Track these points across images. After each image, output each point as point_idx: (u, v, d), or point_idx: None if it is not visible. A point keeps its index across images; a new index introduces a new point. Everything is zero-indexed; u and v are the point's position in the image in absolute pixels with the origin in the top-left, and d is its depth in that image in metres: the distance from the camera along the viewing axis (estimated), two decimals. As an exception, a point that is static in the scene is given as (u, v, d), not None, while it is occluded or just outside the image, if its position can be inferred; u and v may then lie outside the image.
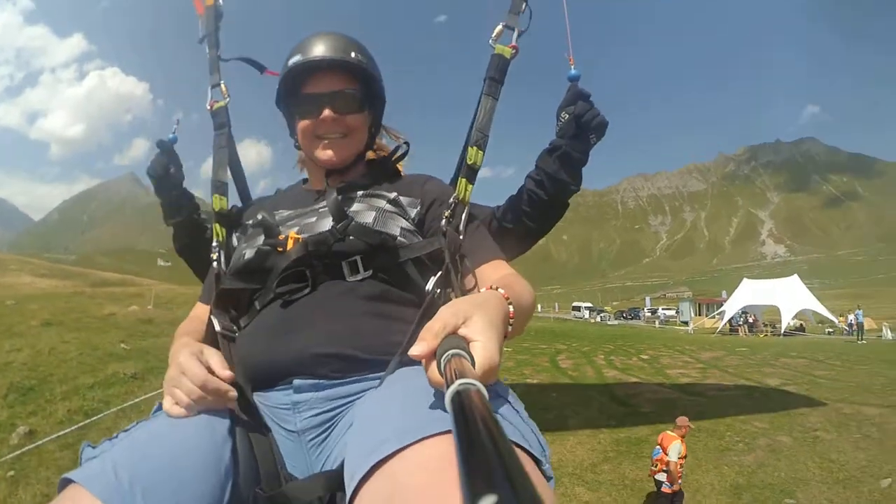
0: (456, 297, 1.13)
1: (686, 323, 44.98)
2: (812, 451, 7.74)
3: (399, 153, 1.53)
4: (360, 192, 1.33)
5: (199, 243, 1.80)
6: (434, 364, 0.73)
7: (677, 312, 53.42)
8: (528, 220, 1.70)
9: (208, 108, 1.54)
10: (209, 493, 0.91)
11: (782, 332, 30.85)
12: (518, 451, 0.76)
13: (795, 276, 35.03)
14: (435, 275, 1.20)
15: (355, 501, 0.74)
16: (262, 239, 1.27)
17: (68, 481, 0.87)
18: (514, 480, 0.29)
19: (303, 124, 1.35)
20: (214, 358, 1.07)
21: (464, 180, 1.33)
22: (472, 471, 0.30)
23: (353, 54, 1.33)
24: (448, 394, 0.49)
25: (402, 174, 1.52)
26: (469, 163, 1.35)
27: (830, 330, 32.25)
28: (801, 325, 34.66)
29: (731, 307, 35.12)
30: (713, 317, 39.93)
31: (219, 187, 1.43)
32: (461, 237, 1.27)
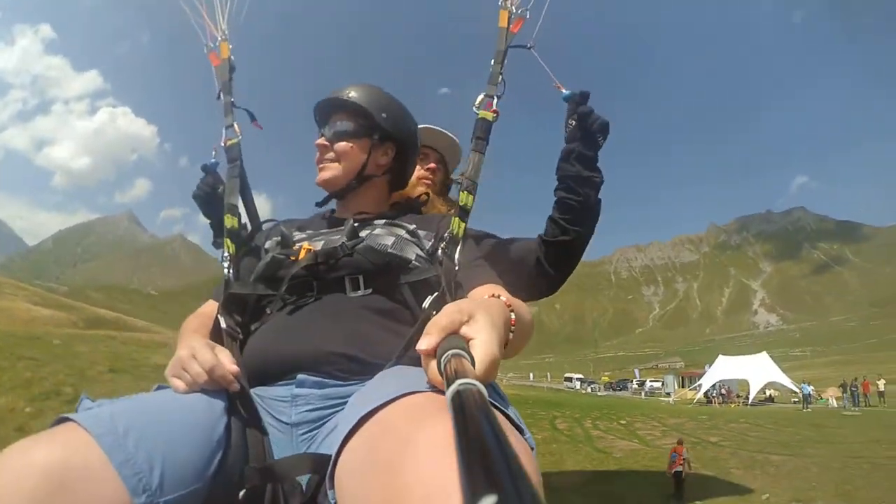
0: None
1: (669, 394, 48.97)
2: (724, 482, 11.84)
3: (422, 199, 1.83)
4: (382, 221, 1.49)
5: None
6: (434, 363, 0.74)
7: (663, 384, 57.01)
8: (570, 225, 1.79)
9: (223, 144, 1.75)
10: (198, 457, 0.93)
11: (749, 402, 34.71)
12: (517, 449, 0.65)
13: (764, 352, 39.45)
14: (431, 295, 1.27)
15: (342, 454, 0.75)
16: (278, 249, 1.41)
17: (63, 419, 0.88)
18: (516, 480, 0.28)
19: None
20: (225, 353, 1.13)
21: (457, 219, 1.45)
22: (473, 470, 0.30)
23: (349, 94, 1.54)
24: (448, 393, 0.49)
25: (440, 208, 1.78)
26: (461, 204, 1.48)
27: (796, 399, 35.48)
28: (771, 395, 38.52)
29: (707, 381, 39.25)
30: (693, 389, 43.74)
31: (231, 209, 1.57)
32: (456, 267, 1.35)
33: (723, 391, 38.90)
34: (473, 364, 0.69)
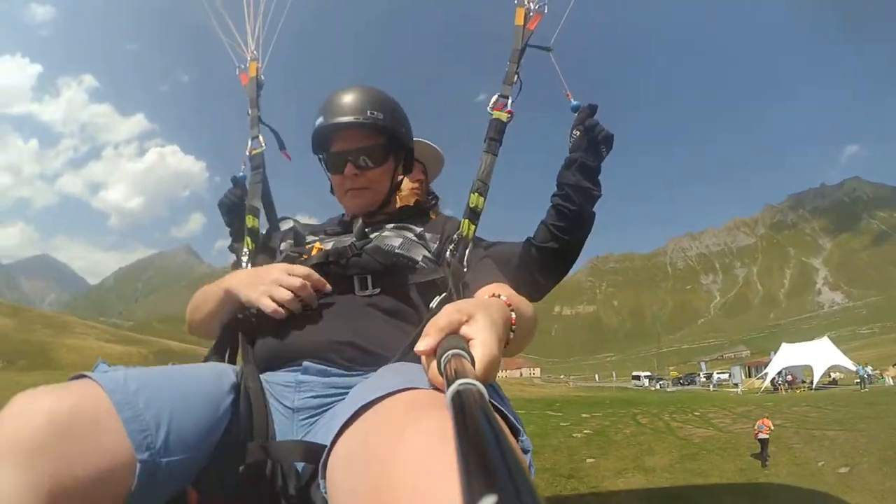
0: None
1: (737, 385, 50.99)
2: (786, 454, 14.84)
3: (430, 203, 1.84)
4: (391, 224, 1.51)
5: None
6: (434, 364, 0.73)
7: (730, 376, 59.00)
8: (560, 233, 1.78)
9: (247, 153, 1.85)
10: (204, 425, 0.96)
11: (814, 386, 36.80)
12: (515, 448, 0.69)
13: (826, 337, 41.45)
14: (439, 296, 1.30)
15: (337, 443, 0.75)
16: (291, 248, 1.48)
17: (79, 376, 0.91)
18: (516, 480, 0.29)
19: (334, 178, 1.54)
20: (299, 266, 1.25)
21: (467, 221, 1.48)
22: (473, 470, 0.30)
23: (369, 112, 1.45)
24: (448, 393, 0.49)
25: (432, 217, 1.73)
26: (471, 206, 1.50)
27: (858, 381, 37.03)
28: (835, 379, 40.33)
29: (773, 369, 41.33)
30: (759, 378, 45.74)
31: (252, 210, 1.70)
32: (464, 269, 1.37)
33: (788, 378, 40.82)
34: (473, 364, 0.69)
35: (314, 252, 1.38)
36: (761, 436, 13.50)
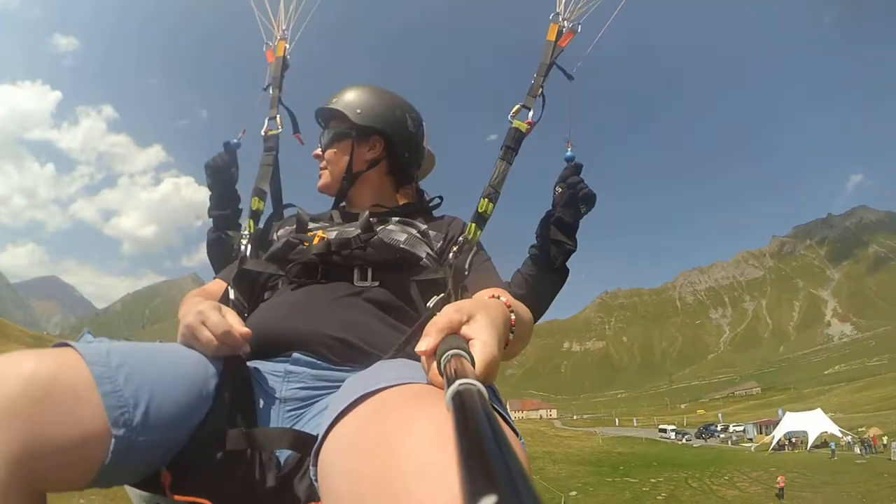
0: None
1: (751, 440, 64.53)
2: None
3: (434, 203, 1.78)
4: (395, 219, 1.51)
5: (227, 245, 1.92)
6: (434, 364, 0.73)
7: (745, 431, 71.34)
8: (532, 281, 1.84)
9: (262, 133, 1.81)
10: (184, 407, 0.94)
11: (808, 448, 49.09)
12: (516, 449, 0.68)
13: (818, 409, 55.22)
14: (437, 295, 1.30)
15: (332, 430, 0.74)
16: (293, 234, 1.45)
17: (62, 344, 0.89)
18: (517, 481, 0.29)
19: None
20: (232, 315, 1.12)
21: (473, 225, 1.48)
22: (473, 470, 0.30)
23: (330, 101, 1.62)
24: (448, 393, 0.49)
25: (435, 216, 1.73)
26: (480, 211, 1.51)
27: (847, 440, 49.12)
28: (826, 441, 52.09)
29: (778, 433, 54.05)
30: (770, 436, 57.88)
31: (258, 192, 1.66)
32: (466, 272, 1.37)
33: (792, 440, 53.09)
34: (473, 364, 0.69)
35: (316, 241, 1.38)
36: (781, 485, 26.90)
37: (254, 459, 0.96)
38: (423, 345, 0.75)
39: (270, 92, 1.94)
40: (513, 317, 0.97)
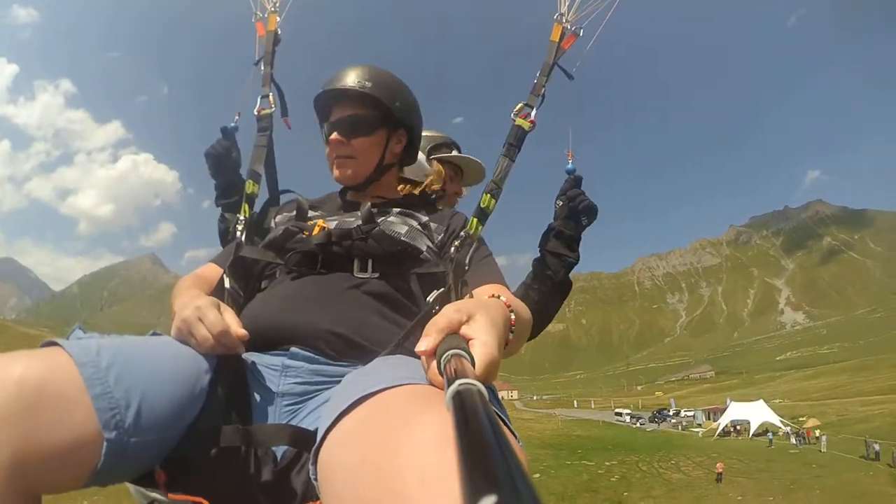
0: None
1: (700, 425, 68.54)
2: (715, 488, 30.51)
3: (439, 194, 1.77)
4: (396, 210, 1.48)
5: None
6: (434, 364, 0.73)
7: (694, 417, 75.53)
8: (535, 294, 1.83)
9: (255, 112, 1.73)
10: (177, 405, 0.92)
11: (750, 436, 53.07)
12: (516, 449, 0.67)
13: (761, 400, 59.28)
14: (437, 290, 1.29)
15: (333, 429, 0.73)
16: (293, 222, 1.40)
17: (51, 343, 0.87)
18: (517, 481, 0.29)
19: (327, 149, 1.52)
20: (230, 314, 1.09)
21: (475, 220, 1.48)
22: (473, 470, 0.30)
23: (360, 83, 1.45)
24: (448, 393, 0.49)
25: (438, 208, 1.71)
26: (482, 206, 1.51)
27: (786, 430, 52.86)
28: (767, 430, 55.80)
29: (724, 420, 58.15)
30: (716, 423, 61.86)
31: (253, 175, 1.59)
32: (466, 267, 1.36)
33: (737, 427, 56.98)
34: (473, 364, 0.69)
35: (316, 231, 1.34)
36: (720, 471, 29.95)
37: (249, 455, 0.95)
38: (423, 345, 0.75)
39: (262, 68, 1.88)
40: (512, 316, 0.98)
